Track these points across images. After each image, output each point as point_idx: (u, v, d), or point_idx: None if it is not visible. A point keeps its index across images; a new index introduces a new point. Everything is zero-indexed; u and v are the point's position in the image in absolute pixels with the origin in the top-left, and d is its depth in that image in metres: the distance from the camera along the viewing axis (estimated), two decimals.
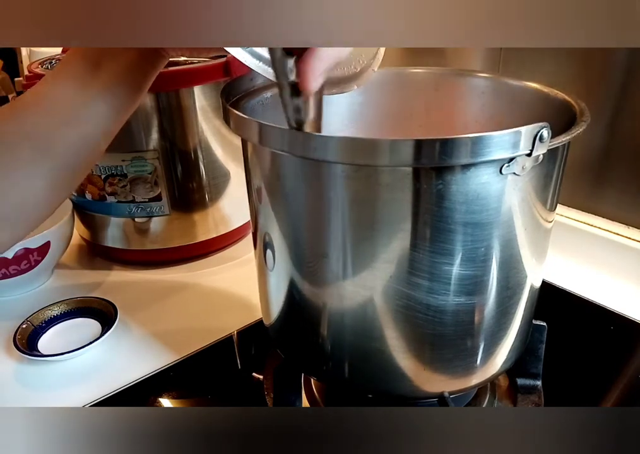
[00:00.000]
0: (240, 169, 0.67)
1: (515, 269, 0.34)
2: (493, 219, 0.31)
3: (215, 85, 0.61)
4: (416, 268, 0.31)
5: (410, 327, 0.34)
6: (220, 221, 0.68)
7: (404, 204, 0.30)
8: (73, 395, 0.48)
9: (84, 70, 0.36)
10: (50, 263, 0.63)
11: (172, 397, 0.48)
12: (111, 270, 0.68)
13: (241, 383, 0.50)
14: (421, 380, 0.36)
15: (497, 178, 0.29)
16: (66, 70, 0.36)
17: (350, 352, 0.36)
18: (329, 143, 0.28)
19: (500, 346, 0.37)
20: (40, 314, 0.56)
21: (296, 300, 0.37)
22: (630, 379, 0.48)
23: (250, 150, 0.35)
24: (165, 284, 0.65)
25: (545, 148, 0.28)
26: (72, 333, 0.55)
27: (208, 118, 0.62)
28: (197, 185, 0.64)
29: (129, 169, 0.60)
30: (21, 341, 0.52)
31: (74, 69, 0.36)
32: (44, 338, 0.54)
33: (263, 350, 0.52)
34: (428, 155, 0.27)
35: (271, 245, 0.37)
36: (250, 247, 0.70)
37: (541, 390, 0.45)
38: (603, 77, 0.59)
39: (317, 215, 0.32)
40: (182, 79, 0.59)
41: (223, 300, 0.61)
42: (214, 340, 0.54)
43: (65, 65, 0.37)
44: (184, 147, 0.62)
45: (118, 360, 0.52)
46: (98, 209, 0.64)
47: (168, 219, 0.64)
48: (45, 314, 0.56)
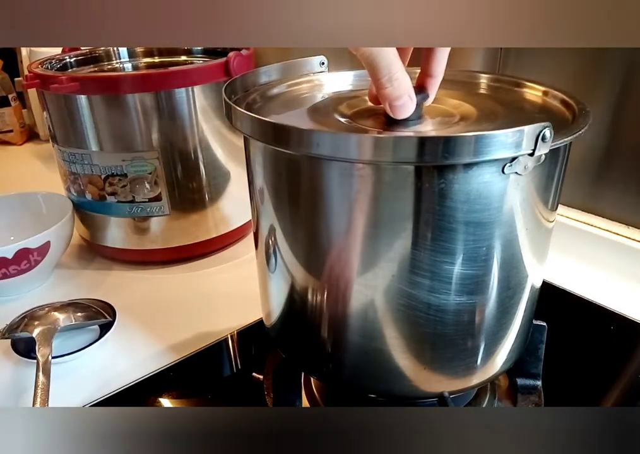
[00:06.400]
0: (240, 169, 0.67)
1: (517, 269, 0.34)
2: (494, 219, 0.31)
3: (215, 85, 0.61)
4: (417, 267, 0.31)
5: (411, 326, 0.34)
6: (220, 221, 0.68)
7: (406, 203, 0.30)
8: (73, 395, 0.48)
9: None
10: (50, 263, 0.63)
11: (172, 397, 0.48)
12: (111, 270, 0.68)
13: (241, 383, 0.50)
14: (421, 380, 0.36)
15: (499, 177, 0.29)
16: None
17: (351, 352, 0.36)
18: (331, 140, 0.28)
19: (501, 346, 0.37)
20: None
21: (298, 299, 0.37)
22: (630, 379, 0.48)
23: (252, 148, 0.35)
24: (164, 284, 0.65)
25: (547, 148, 0.28)
26: (71, 335, 0.55)
27: (208, 118, 0.62)
28: (197, 185, 0.64)
29: (129, 169, 0.60)
30: (19, 344, 0.52)
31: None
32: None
33: (263, 350, 0.52)
34: (431, 153, 0.27)
35: (273, 244, 0.37)
36: (250, 247, 0.70)
37: (541, 390, 0.45)
38: (603, 77, 0.59)
39: (319, 213, 0.32)
40: (182, 79, 0.59)
41: (223, 300, 0.61)
42: (214, 340, 0.54)
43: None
44: (184, 147, 0.62)
45: (118, 360, 0.52)
46: (98, 209, 0.64)
47: (168, 219, 0.64)
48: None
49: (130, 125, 0.58)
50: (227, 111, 0.34)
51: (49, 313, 0.54)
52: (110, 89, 0.57)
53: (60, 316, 0.54)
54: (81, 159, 0.61)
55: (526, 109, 0.37)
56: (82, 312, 0.55)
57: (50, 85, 0.56)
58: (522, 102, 0.39)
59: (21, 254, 0.58)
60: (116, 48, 0.74)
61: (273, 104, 0.39)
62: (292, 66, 0.43)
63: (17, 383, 0.50)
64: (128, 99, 0.57)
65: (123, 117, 0.58)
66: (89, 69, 0.72)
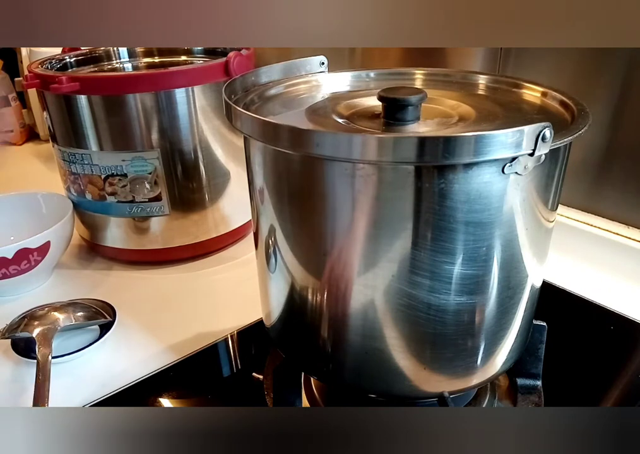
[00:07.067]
0: (240, 169, 0.67)
1: (517, 269, 0.34)
2: (494, 219, 0.31)
3: (215, 85, 0.61)
4: (417, 267, 0.31)
5: (411, 326, 0.34)
6: (220, 221, 0.68)
7: (406, 203, 0.30)
8: (73, 395, 0.48)
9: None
10: (50, 263, 0.63)
11: (172, 397, 0.48)
12: (111, 270, 0.68)
13: (241, 383, 0.50)
14: (421, 380, 0.36)
15: (499, 177, 0.29)
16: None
17: (351, 352, 0.36)
18: (331, 140, 0.28)
19: (501, 346, 0.37)
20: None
21: (298, 299, 0.37)
22: (630, 379, 0.48)
23: (252, 148, 0.35)
24: (164, 284, 0.65)
25: (547, 148, 0.28)
26: (71, 335, 0.55)
27: (208, 118, 0.62)
28: (197, 185, 0.64)
29: (129, 169, 0.60)
30: (19, 344, 0.52)
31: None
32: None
33: (263, 350, 0.52)
34: (431, 153, 0.27)
35: (273, 244, 0.37)
36: (250, 247, 0.70)
37: (541, 390, 0.45)
38: (603, 77, 0.59)
39: (319, 213, 0.32)
40: (182, 79, 0.59)
41: (223, 300, 0.61)
42: (215, 340, 0.54)
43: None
44: (184, 147, 0.62)
45: (118, 360, 0.52)
46: (98, 209, 0.64)
47: (168, 219, 0.64)
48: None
49: (130, 125, 0.58)
50: (227, 111, 0.34)
51: (49, 313, 0.54)
52: (110, 89, 0.57)
53: (60, 316, 0.54)
54: (81, 159, 0.61)
55: (524, 110, 0.37)
56: (82, 312, 0.55)
57: (50, 85, 0.56)
58: (521, 103, 0.39)
59: (21, 254, 0.58)
60: (116, 48, 0.74)
61: (272, 105, 0.39)
62: (292, 66, 0.43)
63: (17, 383, 0.50)
64: (128, 99, 0.57)
65: (123, 117, 0.58)
66: (89, 69, 0.72)
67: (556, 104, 0.37)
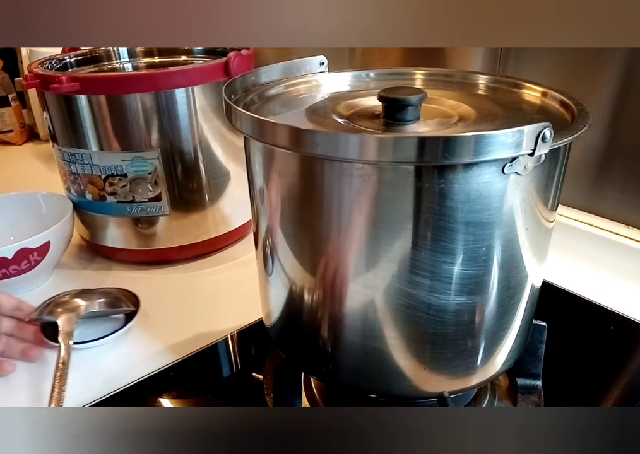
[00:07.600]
0: (240, 169, 0.67)
1: (516, 269, 0.34)
2: (494, 219, 0.31)
3: (215, 85, 0.61)
4: (417, 267, 0.31)
5: (411, 326, 0.34)
6: (220, 221, 0.68)
7: (406, 203, 0.30)
8: (73, 395, 0.48)
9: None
10: (50, 263, 0.63)
11: (172, 397, 0.48)
12: (111, 270, 0.68)
13: (241, 383, 0.50)
14: (421, 380, 0.36)
15: (499, 177, 0.29)
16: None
17: (351, 352, 0.36)
18: (331, 140, 0.28)
19: (501, 346, 0.37)
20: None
21: (298, 299, 0.37)
22: (630, 379, 0.48)
23: (252, 148, 0.35)
24: (164, 284, 0.65)
25: (547, 148, 0.28)
26: (94, 323, 0.56)
27: (208, 118, 0.62)
28: (197, 185, 0.64)
29: (129, 169, 0.60)
30: (48, 328, 0.53)
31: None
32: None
33: (263, 350, 0.52)
34: (431, 153, 0.27)
35: (273, 244, 0.37)
36: (250, 247, 0.70)
37: (541, 390, 0.45)
38: (603, 77, 0.59)
39: (319, 213, 0.32)
40: (182, 79, 0.59)
41: (223, 300, 0.61)
42: (215, 340, 0.54)
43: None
44: (184, 147, 0.62)
45: (118, 360, 0.52)
46: (98, 209, 0.64)
47: (168, 219, 0.64)
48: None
49: (130, 125, 0.58)
50: (227, 111, 0.34)
51: (72, 299, 0.56)
52: (110, 89, 0.57)
53: (83, 303, 0.56)
54: (81, 159, 0.61)
55: (524, 110, 0.37)
56: (105, 299, 0.57)
57: (50, 85, 0.56)
58: (521, 103, 0.39)
59: (21, 254, 0.58)
60: (116, 48, 0.74)
61: (272, 105, 0.39)
62: (292, 66, 0.43)
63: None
64: (128, 99, 0.57)
65: (123, 117, 0.58)
66: (89, 69, 0.72)
67: (556, 104, 0.37)
